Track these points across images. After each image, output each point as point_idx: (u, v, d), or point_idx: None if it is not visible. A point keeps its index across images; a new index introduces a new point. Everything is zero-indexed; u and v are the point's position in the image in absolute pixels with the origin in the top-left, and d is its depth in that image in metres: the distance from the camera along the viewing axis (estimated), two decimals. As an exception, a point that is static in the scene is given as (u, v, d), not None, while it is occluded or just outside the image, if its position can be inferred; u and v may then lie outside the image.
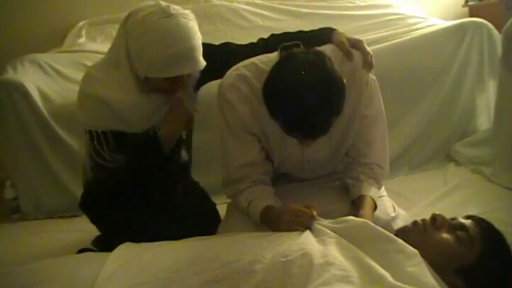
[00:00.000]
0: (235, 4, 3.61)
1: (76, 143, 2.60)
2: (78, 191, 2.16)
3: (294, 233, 1.36)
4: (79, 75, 1.81)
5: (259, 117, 1.61)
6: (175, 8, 1.62)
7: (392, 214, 1.70)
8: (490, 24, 2.74)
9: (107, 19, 3.59)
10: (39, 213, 2.71)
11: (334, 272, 1.14)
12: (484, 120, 2.81)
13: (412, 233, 1.40)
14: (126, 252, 1.44)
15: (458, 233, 1.37)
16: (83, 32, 3.55)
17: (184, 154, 1.84)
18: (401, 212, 1.77)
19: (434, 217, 1.41)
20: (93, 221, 1.94)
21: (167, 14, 1.58)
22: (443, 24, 2.90)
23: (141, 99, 1.68)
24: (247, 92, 1.62)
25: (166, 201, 1.82)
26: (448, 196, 2.30)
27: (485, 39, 2.73)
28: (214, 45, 1.87)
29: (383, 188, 1.82)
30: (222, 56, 1.66)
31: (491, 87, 2.74)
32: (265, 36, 1.90)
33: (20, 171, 2.70)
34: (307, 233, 1.35)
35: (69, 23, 3.66)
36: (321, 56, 1.40)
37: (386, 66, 2.51)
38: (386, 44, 2.73)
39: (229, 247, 1.35)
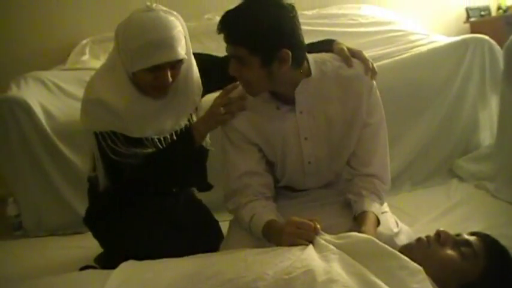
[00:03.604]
0: (238, 21, 3.62)
1: (79, 160, 2.62)
2: (80, 207, 2.17)
3: (297, 249, 1.35)
4: (82, 93, 1.84)
5: (256, 124, 1.68)
6: (160, 6, 1.69)
7: (396, 229, 1.69)
8: (491, 40, 2.76)
9: (110, 37, 3.52)
10: (41, 230, 2.72)
11: (337, 289, 1.14)
12: (486, 136, 2.81)
13: (416, 250, 1.39)
14: (128, 269, 1.44)
15: (463, 249, 1.36)
16: (87, 50, 3.58)
17: (207, 139, 1.88)
18: (404, 227, 1.76)
19: (438, 233, 1.41)
20: (96, 236, 1.94)
21: (149, 9, 1.67)
22: (445, 40, 2.92)
23: (136, 98, 1.72)
24: None
25: (166, 213, 1.84)
26: (451, 212, 2.29)
27: (486, 55, 2.74)
28: (218, 57, 1.90)
29: (386, 204, 1.82)
30: (225, 67, 1.68)
31: (494, 103, 2.75)
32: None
33: (23, 187, 2.71)
34: (310, 249, 1.34)
35: (72, 40, 3.69)
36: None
37: (389, 82, 2.52)
38: (388, 60, 2.75)
39: (231, 264, 1.34)
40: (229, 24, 1.51)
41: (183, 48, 1.69)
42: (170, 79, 1.69)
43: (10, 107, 2.59)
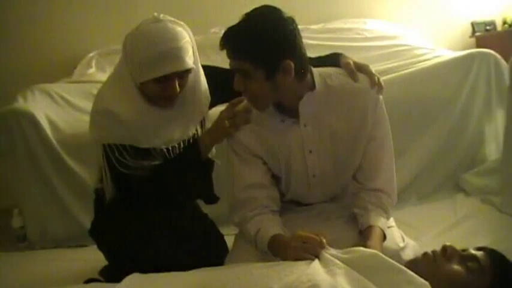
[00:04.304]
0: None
1: (84, 172, 2.62)
2: (85, 220, 2.16)
3: (302, 263, 1.34)
4: (88, 105, 1.85)
5: (260, 137, 1.70)
6: (167, 16, 1.71)
7: (401, 244, 1.68)
8: (497, 54, 2.76)
9: (117, 50, 3.55)
10: (46, 242, 2.71)
11: (343, 304, 1.13)
12: (492, 150, 2.80)
13: (422, 264, 1.39)
14: (133, 283, 1.44)
15: (469, 264, 1.36)
16: (93, 63, 3.59)
17: (213, 151, 1.90)
18: (410, 242, 1.75)
19: (444, 248, 1.41)
20: (101, 248, 1.94)
21: (156, 20, 1.68)
22: (450, 54, 2.93)
23: (145, 108, 1.74)
24: None
25: (172, 226, 1.83)
26: (457, 226, 2.28)
27: (492, 69, 2.74)
28: (225, 69, 1.91)
29: (392, 219, 1.81)
30: (232, 79, 1.69)
31: (499, 117, 2.74)
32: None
33: (28, 199, 2.71)
34: (316, 263, 1.33)
35: (79, 53, 3.70)
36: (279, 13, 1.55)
37: (395, 96, 2.52)
38: (394, 74, 2.75)
39: (236, 278, 1.33)
40: (231, 39, 1.53)
41: (191, 58, 1.71)
42: (178, 89, 1.70)
43: (16, 119, 2.61)
